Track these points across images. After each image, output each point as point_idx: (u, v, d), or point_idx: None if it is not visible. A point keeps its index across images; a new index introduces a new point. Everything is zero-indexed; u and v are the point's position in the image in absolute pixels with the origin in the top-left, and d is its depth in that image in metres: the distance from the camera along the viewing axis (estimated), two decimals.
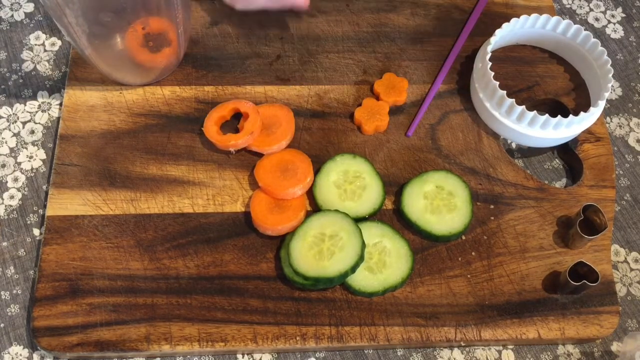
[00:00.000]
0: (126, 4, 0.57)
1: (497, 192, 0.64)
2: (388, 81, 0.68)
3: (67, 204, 0.61)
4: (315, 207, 0.62)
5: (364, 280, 0.58)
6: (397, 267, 0.59)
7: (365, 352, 0.59)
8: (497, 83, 0.63)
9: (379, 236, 0.60)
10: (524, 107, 0.63)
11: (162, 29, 0.62)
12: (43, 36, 0.71)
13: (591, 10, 0.77)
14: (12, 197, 0.63)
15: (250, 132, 0.63)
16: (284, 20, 0.72)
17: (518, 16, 0.67)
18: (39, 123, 0.67)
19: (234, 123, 0.66)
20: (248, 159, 0.64)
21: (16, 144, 0.66)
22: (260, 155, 0.64)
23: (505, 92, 0.63)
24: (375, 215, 0.62)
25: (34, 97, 0.68)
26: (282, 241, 0.61)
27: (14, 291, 0.60)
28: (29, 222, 0.62)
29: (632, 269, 0.64)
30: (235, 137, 0.63)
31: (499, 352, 0.60)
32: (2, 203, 0.63)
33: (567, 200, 0.64)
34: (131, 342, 0.56)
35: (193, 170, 0.64)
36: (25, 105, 0.68)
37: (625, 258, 0.64)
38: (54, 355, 0.57)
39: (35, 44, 0.71)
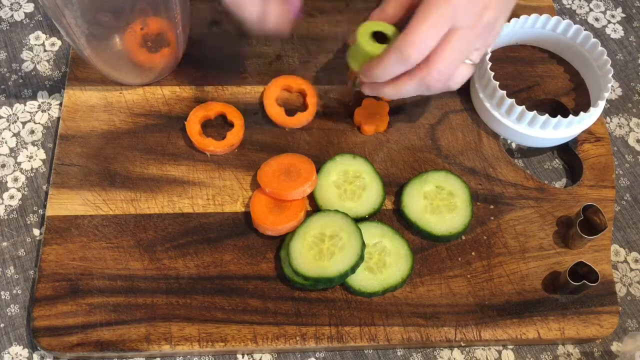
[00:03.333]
0: (124, 4, 0.57)
1: (497, 192, 0.64)
2: None
3: (67, 204, 0.61)
4: (315, 207, 0.62)
5: (364, 280, 0.58)
6: (397, 267, 0.59)
7: (365, 352, 0.59)
8: (497, 83, 0.63)
9: (378, 236, 0.60)
10: (524, 107, 0.63)
11: (161, 29, 0.62)
12: (43, 36, 0.71)
13: (591, 10, 0.77)
14: (12, 197, 0.63)
15: (231, 144, 0.63)
16: None
17: (518, 16, 0.67)
18: (39, 123, 0.67)
19: (220, 123, 0.66)
20: (248, 158, 0.64)
21: (16, 144, 0.66)
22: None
23: (505, 92, 0.63)
24: (375, 216, 0.62)
25: (33, 97, 0.68)
26: (282, 241, 0.61)
27: (14, 291, 0.60)
28: (29, 222, 0.63)
29: (632, 269, 0.64)
30: (215, 144, 0.63)
31: (499, 352, 0.60)
32: (2, 203, 0.63)
33: (567, 200, 0.64)
34: (131, 342, 0.56)
35: (193, 170, 0.64)
36: (25, 105, 0.68)
37: (625, 258, 0.64)
38: (54, 355, 0.57)
39: (35, 44, 0.71)
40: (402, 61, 0.53)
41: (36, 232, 0.62)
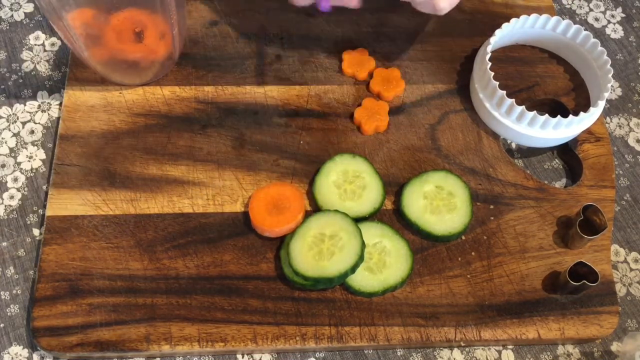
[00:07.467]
0: (120, 4, 0.57)
1: (497, 192, 0.64)
2: (381, 77, 0.68)
3: (67, 204, 0.61)
4: (315, 207, 0.62)
5: (364, 280, 0.58)
6: (396, 267, 0.59)
7: (365, 352, 0.59)
8: (497, 83, 0.63)
9: (378, 236, 0.60)
10: (523, 107, 0.63)
11: (157, 29, 0.62)
12: (43, 36, 0.71)
13: (591, 10, 0.77)
14: (12, 197, 0.63)
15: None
16: (284, 20, 0.72)
17: (518, 16, 0.67)
18: (39, 123, 0.67)
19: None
20: (248, 159, 0.64)
21: (16, 144, 0.66)
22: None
23: (505, 92, 0.63)
24: (375, 215, 0.62)
25: (33, 97, 0.68)
26: (282, 241, 0.60)
27: (14, 291, 0.60)
28: (29, 222, 0.63)
29: (632, 269, 0.64)
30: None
31: (499, 352, 0.60)
32: (2, 203, 0.63)
33: (567, 200, 0.64)
34: (131, 342, 0.56)
35: (193, 170, 0.64)
36: (25, 105, 0.68)
37: (625, 258, 0.64)
38: (54, 355, 0.57)
39: (35, 44, 0.71)
40: None
41: (36, 232, 0.62)
